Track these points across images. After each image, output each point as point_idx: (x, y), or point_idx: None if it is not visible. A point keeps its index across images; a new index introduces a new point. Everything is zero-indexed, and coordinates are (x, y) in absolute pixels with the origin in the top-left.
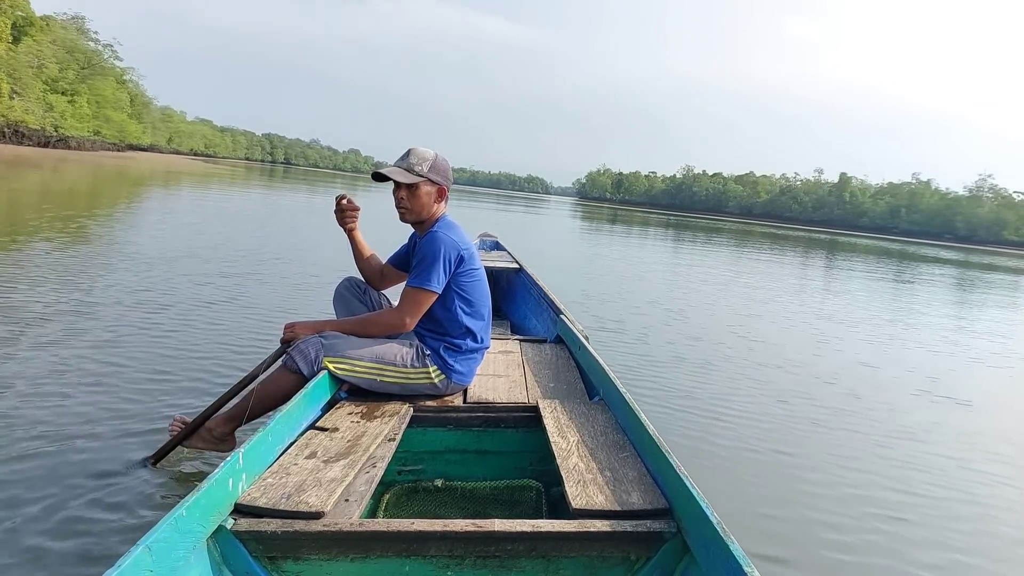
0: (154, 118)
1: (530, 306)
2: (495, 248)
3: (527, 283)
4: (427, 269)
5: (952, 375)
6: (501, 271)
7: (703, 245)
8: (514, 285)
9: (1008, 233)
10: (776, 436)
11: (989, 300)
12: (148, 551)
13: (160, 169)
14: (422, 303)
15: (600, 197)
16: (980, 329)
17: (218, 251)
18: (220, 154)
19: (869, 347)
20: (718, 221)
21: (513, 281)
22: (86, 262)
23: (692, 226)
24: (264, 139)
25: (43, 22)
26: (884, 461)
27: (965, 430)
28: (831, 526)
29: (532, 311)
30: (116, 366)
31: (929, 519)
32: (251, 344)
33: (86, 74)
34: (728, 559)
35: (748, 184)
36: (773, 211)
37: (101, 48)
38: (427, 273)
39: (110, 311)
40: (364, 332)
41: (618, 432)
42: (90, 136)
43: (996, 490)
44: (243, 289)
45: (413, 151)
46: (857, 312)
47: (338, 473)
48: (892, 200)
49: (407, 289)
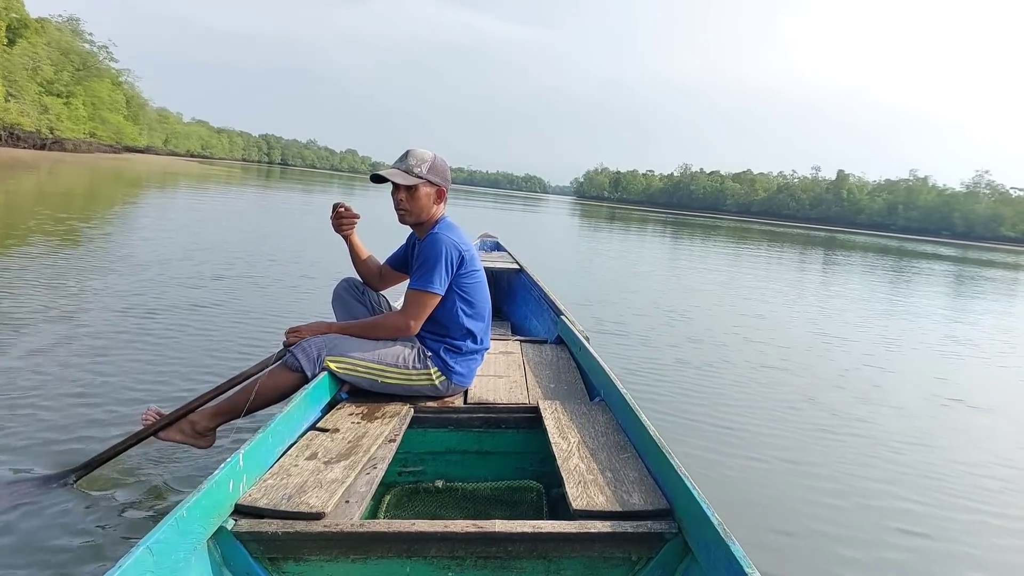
0: (150, 119)
1: (531, 307)
2: (496, 249)
3: (528, 284)
4: (429, 271)
5: (959, 374)
6: (502, 272)
7: (701, 245)
8: (515, 286)
9: (1005, 229)
10: (777, 436)
11: (989, 297)
12: (149, 552)
13: (157, 171)
14: (426, 305)
15: (598, 196)
16: (983, 324)
17: (212, 253)
18: (217, 155)
19: (872, 346)
20: (716, 219)
21: (514, 282)
22: (77, 266)
23: (690, 224)
24: (261, 140)
25: (38, 24)
26: (886, 461)
27: (969, 429)
28: (832, 526)
29: (533, 312)
30: (102, 374)
31: (930, 520)
32: (243, 349)
33: (81, 76)
34: (729, 560)
35: (746, 182)
36: (771, 209)
37: (96, 50)
38: (429, 275)
39: (98, 316)
40: (369, 335)
41: (619, 433)
42: (86, 138)
43: (993, 492)
44: (235, 293)
45: (412, 152)
46: (858, 311)
47: (339, 474)
48: (889, 197)
49: (410, 292)
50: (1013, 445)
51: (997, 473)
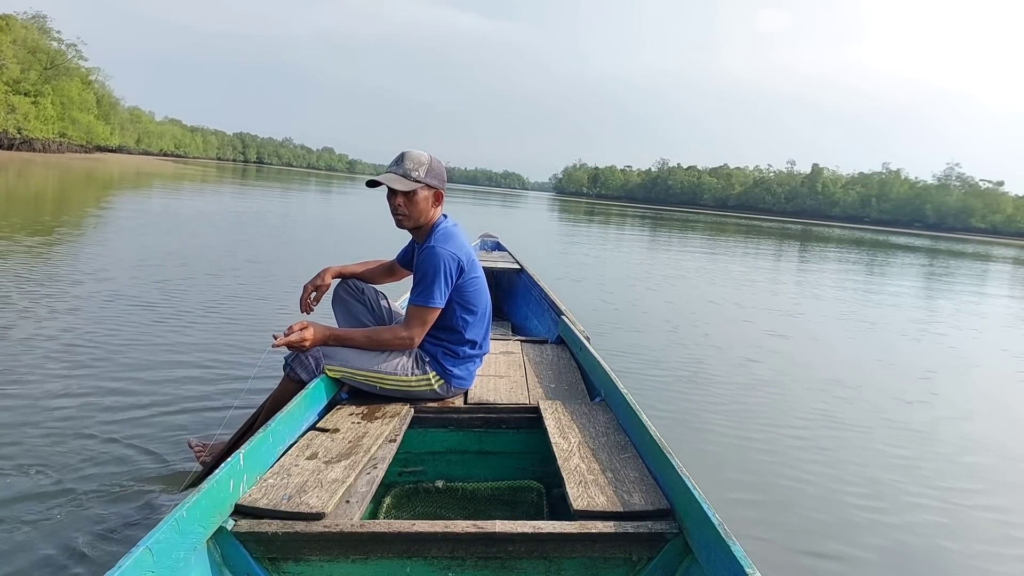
0: (122, 119)
1: (531, 307)
2: (496, 248)
3: (528, 284)
4: (429, 286)
5: (958, 366)
6: (502, 272)
7: (679, 242)
8: (515, 286)
9: (975, 220)
10: (777, 436)
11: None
12: (149, 552)
13: (129, 171)
14: (427, 320)
15: (577, 192)
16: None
17: (187, 259)
18: (191, 154)
19: (872, 347)
20: (693, 214)
21: (514, 282)
22: (48, 276)
23: (668, 219)
24: (236, 138)
25: (3, 21)
26: (887, 462)
27: (970, 428)
28: (832, 526)
29: (533, 312)
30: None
31: (930, 519)
32: (225, 362)
33: (50, 74)
34: (730, 560)
35: (722, 176)
36: (747, 203)
37: (65, 48)
38: (429, 290)
39: (68, 327)
40: (372, 346)
41: (619, 433)
42: (56, 138)
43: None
44: (215, 302)
45: (408, 155)
46: (856, 309)
47: (339, 474)
48: (863, 190)
49: (411, 308)
50: (996, 446)
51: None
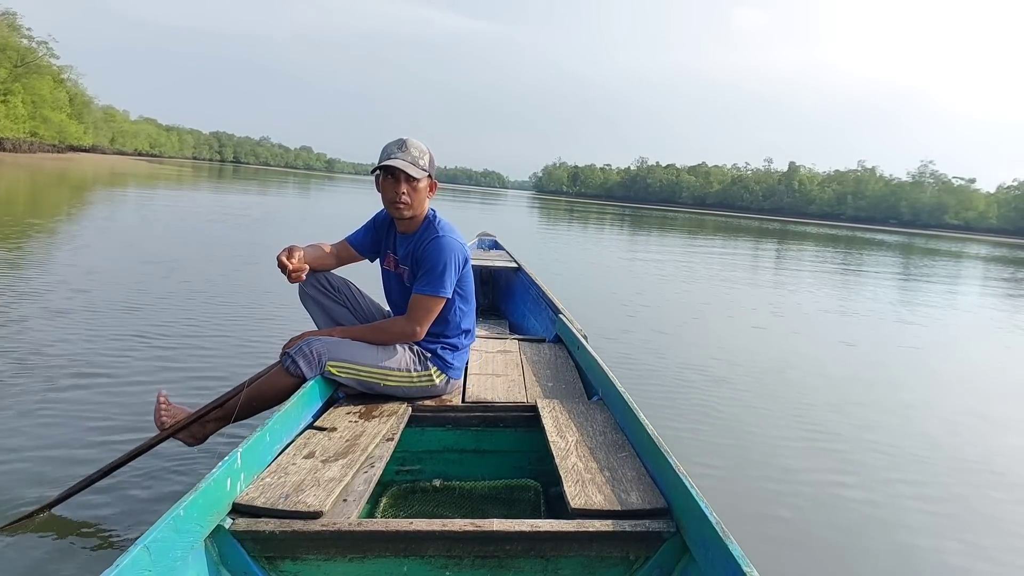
0: (95, 118)
1: (528, 305)
2: (494, 247)
3: (525, 282)
4: (439, 276)
5: (957, 366)
6: (500, 270)
7: (658, 241)
8: (512, 284)
9: (949, 217)
10: (775, 435)
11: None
12: (146, 551)
13: (103, 171)
14: (434, 311)
15: (557, 191)
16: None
17: (159, 266)
18: (166, 154)
19: (872, 345)
20: (671, 212)
21: (511, 280)
22: (11, 284)
23: (646, 218)
24: (212, 137)
25: None
26: (886, 460)
27: (971, 427)
28: (829, 524)
29: (531, 310)
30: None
31: (932, 522)
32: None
33: (20, 72)
34: (727, 559)
35: (700, 175)
36: (725, 201)
37: (35, 45)
38: (440, 280)
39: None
40: (372, 340)
41: (617, 432)
42: (27, 137)
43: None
44: (189, 312)
45: (411, 143)
46: (851, 308)
47: (336, 473)
48: (839, 188)
49: (419, 298)
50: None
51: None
